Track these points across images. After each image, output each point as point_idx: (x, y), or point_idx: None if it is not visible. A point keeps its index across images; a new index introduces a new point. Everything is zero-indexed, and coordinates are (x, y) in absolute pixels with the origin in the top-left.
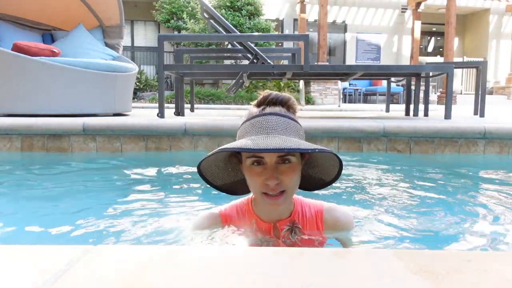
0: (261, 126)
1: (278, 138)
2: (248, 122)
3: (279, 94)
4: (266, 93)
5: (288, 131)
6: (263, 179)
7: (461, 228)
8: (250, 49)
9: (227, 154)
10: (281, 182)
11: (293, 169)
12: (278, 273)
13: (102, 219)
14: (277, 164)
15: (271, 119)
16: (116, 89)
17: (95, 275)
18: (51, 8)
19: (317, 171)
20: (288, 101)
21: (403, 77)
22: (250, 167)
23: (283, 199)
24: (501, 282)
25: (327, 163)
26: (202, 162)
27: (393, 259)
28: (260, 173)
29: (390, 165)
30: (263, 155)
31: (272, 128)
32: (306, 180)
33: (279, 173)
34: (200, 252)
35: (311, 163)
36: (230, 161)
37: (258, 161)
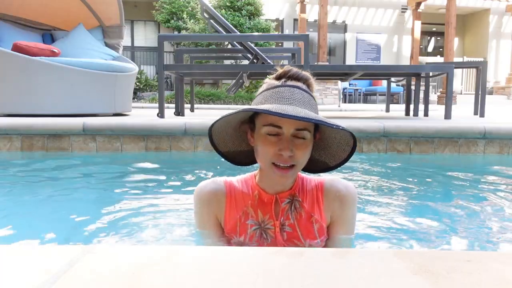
0: (284, 96)
1: (303, 110)
2: (270, 90)
3: (300, 71)
4: (287, 68)
5: (310, 106)
6: (276, 149)
7: (461, 228)
8: (250, 49)
9: (239, 120)
10: (294, 155)
11: (306, 145)
12: (278, 273)
13: (102, 219)
14: (292, 137)
15: (295, 92)
16: (116, 89)
17: (95, 275)
18: (51, 8)
19: (323, 154)
20: (309, 79)
21: (403, 77)
22: (265, 136)
23: (292, 173)
24: (501, 282)
25: (338, 147)
26: (217, 123)
27: (393, 259)
28: (275, 143)
29: (390, 165)
30: (282, 124)
31: (295, 100)
32: (309, 162)
33: (294, 146)
34: (200, 252)
35: (319, 145)
36: (240, 128)
37: (276, 131)
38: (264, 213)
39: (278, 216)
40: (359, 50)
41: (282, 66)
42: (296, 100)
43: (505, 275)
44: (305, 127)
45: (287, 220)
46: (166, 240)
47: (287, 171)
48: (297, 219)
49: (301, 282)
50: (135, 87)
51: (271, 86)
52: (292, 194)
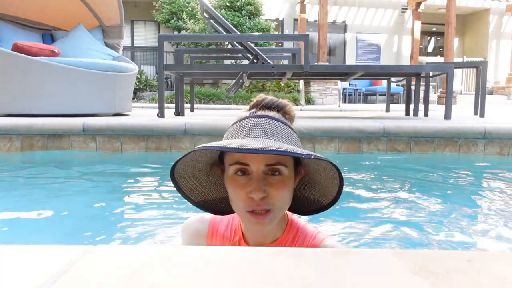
0: (249, 129)
1: (268, 141)
2: (236, 124)
3: (275, 99)
4: (260, 97)
5: (282, 137)
6: (247, 191)
7: (462, 228)
8: (250, 49)
9: (207, 163)
10: (268, 196)
11: (284, 183)
12: (278, 273)
13: (102, 219)
14: (265, 175)
15: (262, 122)
16: (116, 89)
17: (95, 275)
18: (51, 8)
19: (315, 192)
20: (285, 107)
21: (403, 77)
22: (233, 177)
23: (270, 218)
24: (501, 282)
25: (326, 181)
26: (176, 167)
27: (393, 259)
28: (245, 184)
29: (390, 165)
30: (248, 161)
31: (263, 131)
32: (302, 203)
33: (266, 185)
34: (201, 252)
35: (307, 182)
36: (211, 172)
37: (243, 169)
38: None
39: None
40: (359, 50)
41: (282, 66)
42: (265, 131)
43: (505, 275)
44: (277, 161)
45: None
46: (166, 240)
47: (263, 217)
48: None
49: (301, 282)
50: (135, 87)
51: (239, 119)
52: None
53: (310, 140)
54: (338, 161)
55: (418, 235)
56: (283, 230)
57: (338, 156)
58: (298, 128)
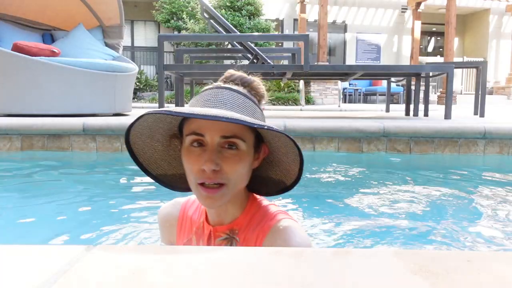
0: (208, 99)
1: (224, 111)
2: (198, 95)
3: (244, 75)
4: (228, 73)
5: (242, 109)
6: (200, 163)
7: (461, 228)
8: (250, 49)
9: (166, 134)
10: (222, 170)
11: (240, 157)
12: (278, 273)
13: (102, 219)
14: (221, 147)
15: (223, 93)
16: (116, 89)
17: (95, 275)
18: (51, 8)
19: (278, 172)
20: (252, 82)
21: (403, 77)
22: (188, 148)
23: (221, 193)
24: (501, 282)
25: (288, 159)
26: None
27: (393, 259)
28: (199, 156)
29: (390, 165)
30: (204, 132)
31: (221, 102)
32: (267, 184)
33: (220, 158)
34: (201, 252)
35: (271, 162)
36: (171, 146)
37: (199, 140)
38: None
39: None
40: (359, 50)
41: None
42: (222, 102)
43: (505, 275)
44: (234, 133)
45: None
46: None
47: (214, 191)
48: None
49: (301, 282)
50: (135, 87)
51: (202, 91)
52: (232, 229)
53: (310, 140)
54: (338, 161)
55: (418, 235)
56: (243, 210)
57: (338, 156)
58: (298, 128)
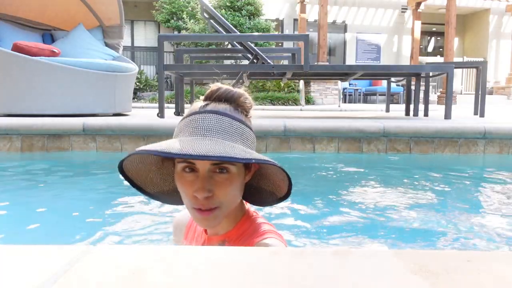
0: (196, 126)
1: (212, 141)
2: (186, 119)
3: (229, 89)
4: (215, 87)
5: (229, 134)
6: (193, 190)
7: (461, 228)
8: (250, 49)
9: (158, 158)
10: (214, 195)
11: (231, 181)
12: (278, 273)
13: (102, 219)
14: (211, 173)
15: (210, 118)
16: (116, 89)
17: (95, 275)
18: (51, 8)
19: (269, 184)
20: (238, 98)
21: (403, 77)
22: (181, 174)
23: (214, 215)
24: (501, 282)
25: (276, 176)
26: (125, 165)
27: (393, 259)
28: (191, 182)
29: (390, 165)
30: (194, 161)
31: (208, 129)
32: (260, 194)
33: (212, 184)
34: (201, 252)
35: (262, 174)
36: (164, 166)
37: (191, 167)
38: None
39: None
40: (359, 50)
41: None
42: (210, 129)
43: (505, 275)
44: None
45: None
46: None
47: (208, 213)
48: None
49: (301, 282)
50: (135, 87)
51: (189, 113)
52: (223, 240)
53: (310, 140)
54: (338, 161)
55: (418, 235)
56: (236, 224)
57: (338, 156)
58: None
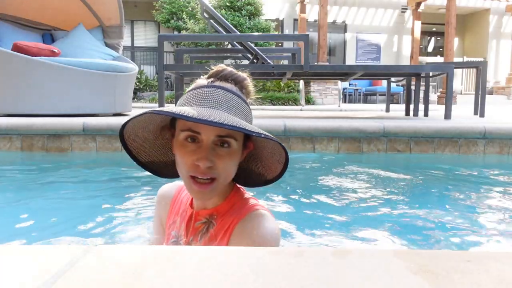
0: (205, 98)
1: (223, 114)
2: (192, 91)
3: (234, 71)
4: (220, 67)
5: (235, 110)
6: (194, 158)
7: (461, 228)
8: (250, 49)
9: (158, 126)
10: (214, 166)
11: (231, 155)
12: (278, 273)
13: (102, 219)
14: (214, 145)
15: (219, 93)
16: (116, 89)
17: (95, 275)
18: (51, 8)
19: (260, 166)
20: (243, 80)
21: (403, 77)
22: (182, 143)
23: (211, 188)
24: (501, 282)
25: (272, 158)
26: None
27: (393, 259)
28: (193, 151)
29: (390, 165)
30: (200, 130)
31: (218, 103)
32: (247, 174)
33: (214, 156)
34: (201, 252)
35: (253, 156)
36: (161, 135)
37: (194, 136)
38: (184, 228)
39: (188, 234)
40: (359, 50)
41: (282, 66)
42: (220, 103)
43: (505, 275)
44: (228, 133)
45: (195, 241)
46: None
47: (206, 186)
48: (204, 244)
49: (301, 282)
50: (135, 87)
51: (196, 87)
52: (211, 214)
53: (310, 140)
54: (338, 161)
55: (418, 235)
56: (225, 198)
57: (338, 156)
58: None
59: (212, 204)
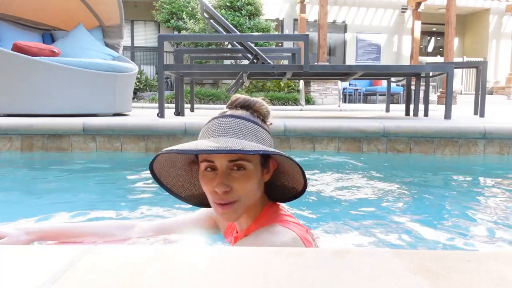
0: (214, 129)
1: (225, 140)
2: (206, 125)
3: (247, 98)
4: (234, 97)
5: (243, 133)
6: (213, 185)
7: (461, 228)
8: (250, 49)
9: (185, 162)
10: (232, 190)
11: (248, 176)
12: (278, 273)
13: (102, 219)
14: (229, 170)
15: (226, 121)
16: (116, 89)
17: (95, 275)
18: (51, 8)
19: (290, 180)
20: (254, 104)
21: (403, 77)
22: (203, 173)
23: (234, 209)
24: (501, 282)
25: (293, 170)
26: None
27: (393, 259)
28: (212, 179)
29: (390, 165)
30: (213, 159)
31: (224, 130)
32: (282, 190)
33: (230, 180)
34: (201, 252)
35: (282, 172)
36: (192, 170)
37: (211, 166)
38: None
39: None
40: (359, 50)
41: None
42: (226, 130)
43: (505, 275)
44: (239, 157)
45: None
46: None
47: (228, 207)
48: None
49: (301, 282)
50: (135, 87)
51: (209, 120)
52: (246, 235)
53: (310, 140)
54: (338, 161)
55: (418, 235)
56: (255, 218)
57: (338, 156)
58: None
59: (246, 225)
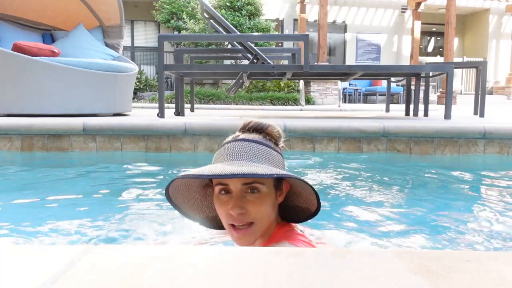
0: (228, 153)
1: (239, 163)
2: (220, 149)
3: (259, 122)
4: (246, 121)
5: (257, 157)
6: (228, 208)
7: (461, 228)
8: (250, 49)
9: (200, 186)
10: (247, 212)
11: (262, 199)
12: (278, 273)
13: (102, 219)
14: (244, 193)
15: (238, 145)
16: (116, 89)
17: (95, 275)
18: (51, 8)
19: (303, 201)
20: (267, 128)
21: (403, 77)
22: (218, 196)
23: (251, 232)
24: (501, 282)
25: (305, 191)
26: (171, 194)
27: (393, 259)
28: (226, 202)
29: (390, 165)
30: (227, 182)
31: (238, 154)
32: (296, 211)
33: (245, 202)
34: (201, 252)
35: (294, 193)
36: (207, 193)
37: (225, 189)
38: None
39: None
40: (359, 50)
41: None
42: (240, 154)
43: (505, 275)
44: (254, 180)
45: None
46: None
47: (245, 231)
48: None
49: (301, 282)
50: (135, 87)
51: (222, 143)
52: None
53: (310, 140)
54: (338, 161)
55: (418, 235)
56: (266, 239)
57: (338, 156)
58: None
59: (260, 244)
